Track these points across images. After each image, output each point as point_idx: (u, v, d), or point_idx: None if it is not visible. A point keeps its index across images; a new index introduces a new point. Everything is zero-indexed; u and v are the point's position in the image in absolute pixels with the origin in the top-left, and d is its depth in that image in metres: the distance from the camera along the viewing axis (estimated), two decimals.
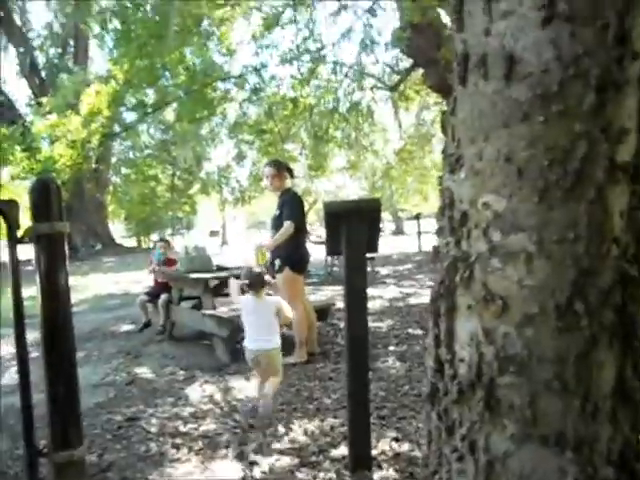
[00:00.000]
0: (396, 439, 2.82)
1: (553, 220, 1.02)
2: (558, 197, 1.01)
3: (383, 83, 12.05)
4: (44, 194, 2.49)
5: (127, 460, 2.81)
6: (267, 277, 3.85)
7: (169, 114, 14.91)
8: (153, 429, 3.23)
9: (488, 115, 1.06)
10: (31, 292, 2.47)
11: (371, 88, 12.23)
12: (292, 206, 4.57)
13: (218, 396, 3.80)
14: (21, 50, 23.26)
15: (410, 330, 5.50)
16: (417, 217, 16.98)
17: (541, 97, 1.00)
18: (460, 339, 1.15)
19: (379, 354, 4.60)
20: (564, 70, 0.98)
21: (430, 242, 15.32)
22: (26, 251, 2.56)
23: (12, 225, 2.46)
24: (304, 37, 9.99)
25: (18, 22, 23.26)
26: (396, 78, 11.97)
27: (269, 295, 3.85)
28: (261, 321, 3.51)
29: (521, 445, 1.09)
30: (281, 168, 4.76)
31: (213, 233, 32.86)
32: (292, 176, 4.94)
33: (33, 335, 2.57)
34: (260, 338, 3.48)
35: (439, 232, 1.24)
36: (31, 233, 2.45)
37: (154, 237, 31.13)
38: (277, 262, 4.49)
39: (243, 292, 3.77)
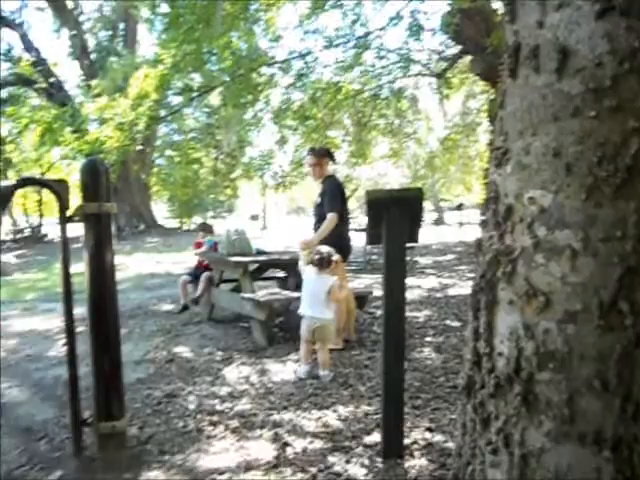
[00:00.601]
0: (429, 429, 2.82)
1: (600, 217, 1.00)
2: (607, 194, 0.99)
3: (429, 70, 11.86)
4: (93, 175, 2.58)
5: (166, 434, 2.90)
6: (336, 257, 4.09)
7: (214, 98, 15.06)
8: (191, 406, 3.32)
9: (538, 109, 1.04)
10: (77, 268, 2.58)
11: (416, 75, 12.06)
12: (332, 195, 4.53)
13: (254, 378, 3.86)
14: (73, 33, 23.82)
15: (448, 322, 5.45)
16: (459, 207, 16.73)
17: (593, 91, 0.97)
18: (499, 333, 1.15)
19: (415, 344, 4.58)
20: (618, 64, 0.96)
21: (471, 233, 15.10)
22: (72, 228, 2.66)
23: (63, 204, 2.56)
24: (351, 21, 9.90)
25: (70, 5, 23.81)
26: (442, 65, 11.76)
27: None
28: (316, 294, 3.93)
29: (558, 442, 1.08)
30: (321, 156, 4.72)
31: (253, 217, 33.18)
32: (333, 161, 4.88)
33: (79, 310, 2.67)
34: (315, 308, 3.92)
35: (483, 225, 1.23)
36: (80, 212, 2.55)
37: (196, 219, 31.68)
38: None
39: None
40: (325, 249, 4.05)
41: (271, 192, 31.52)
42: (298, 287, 5.65)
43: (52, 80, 24.32)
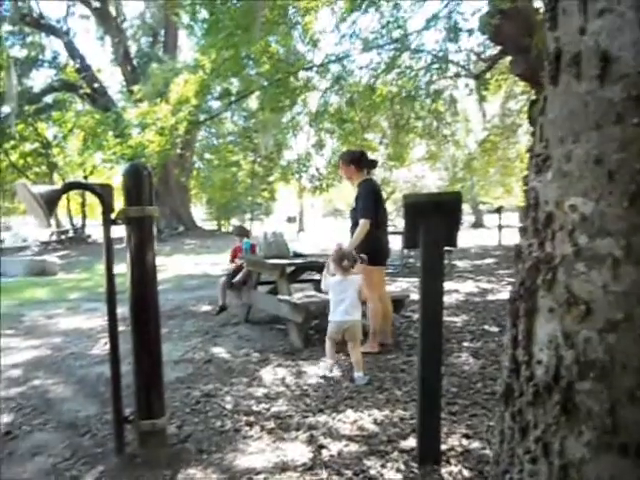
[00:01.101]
0: (466, 436, 2.79)
1: None
2: None
3: (468, 71, 11.73)
4: (136, 179, 2.66)
5: (204, 433, 2.95)
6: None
7: (252, 102, 15.24)
8: (228, 406, 3.37)
9: (579, 115, 1.03)
10: (120, 269, 2.65)
11: (454, 76, 11.94)
12: (365, 199, 4.47)
13: (290, 379, 3.89)
14: (115, 40, 24.47)
15: (486, 327, 5.38)
16: (498, 210, 16.42)
17: (636, 99, 0.96)
18: (539, 341, 1.14)
19: (452, 349, 4.54)
20: None
21: (511, 237, 14.82)
22: (115, 229, 2.74)
23: (107, 208, 2.64)
24: (387, 22, 9.86)
25: (113, 13, 24.47)
26: (482, 66, 11.61)
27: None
28: (349, 298, 4.02)
29: (598, 453, 1.06)
30: (352, 160, 4.64)
31: (290, 219, 33.36)
32: (367, 165, 4.71)
33: (121, 310, 2.75)
34: (349, 312, 4.01)
35: (522, 232, 1.22)
36: (123, 215, 2.63)
37: (234, 221, 32.09)
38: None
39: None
40: (343, 251, 4.14)
41: (308, 194, 31.70)
42: None
43: (96, 86, 25.06)
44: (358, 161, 4.66)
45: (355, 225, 4.50)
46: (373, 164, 4.89)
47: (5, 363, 4.61)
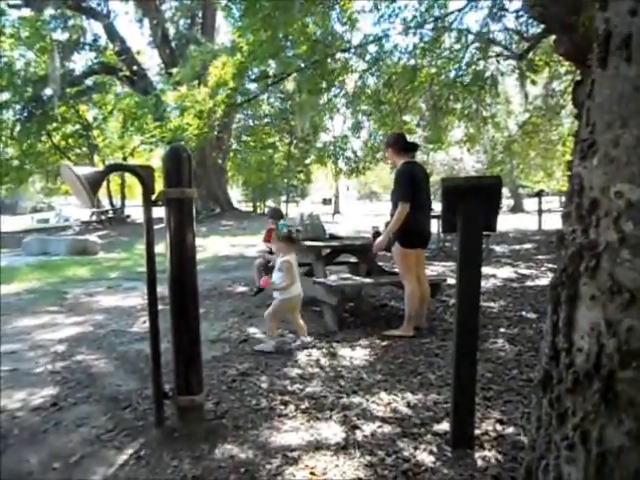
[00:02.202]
0: (500, 421, 2.78)
1: None
2: None
3: (510, 51, 11.41)
4: (176, 162, 2.70)
5: (240, 411, 3.02)
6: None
7: (289, 84, 15.21)
8: (263, 385, 3.43)
9: (628, 100, 0.99)
10: (159, 249, 2.72)
11: (497, 56, 11.63)
12: (402, 183, 4.44)
13: (324, 361, 3.93)
14: (154, 22, 24.69)
15: (523, 313, 5.30)
16: (539, 194, 16.02)
17: None
18: (580, 328, 1.12)
19: (489, 335, 4.50)
20: None
21: (552, 222, 14.50)
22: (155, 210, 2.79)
23: (148, 189, 2.70)
24: (428, 5, 9.67)
25: None
26: (524, 45, 11.27)
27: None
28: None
29: (638, 442, 1.05)
30: (390, 143, 4.63)
31: (326, 201, 33.43)
32: (405, 148, 4.66)
33: (159, 289, 2.81)
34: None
35: (565, 218, 1.20)
36: (163, 197, 2.68)
37: (269, 203, 32.33)
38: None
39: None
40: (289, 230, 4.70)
41: (344, 177, 31.64)
42: (369, 273, 5.68)
43: (135, 68, 25.42)
44: (396, 143, 4.63)
45: (395, 207, 4.48)
46: (413, 147, 4.82)
47: (51, 338, 4.80)
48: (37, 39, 22.39)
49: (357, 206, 47.82)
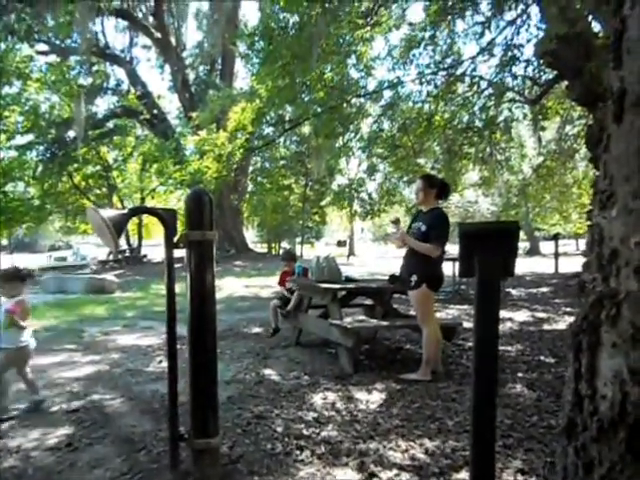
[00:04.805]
0: (522, 471, 2.71)
1: None
2: None
3: (523, 97, 11.58)
4: (198, 205, 2.77)
5: (255, 455, 2.98)
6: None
7: (305, 127, 15.50)
8: (279, 429, 3.40)
9: None
10: (176, 289, 2.75)
11: (510, 101, 11.80)
12: (443, 227, 4.49)
13: (340, 404, 3.89)
14: (175, 68, 25.56)
15: (542, 357, 5.22)
16: (555, 237, 15.94)
17: None
18: (602, 375, 1.12)
19: (507, 379, 4.43)
20: None
21: (568, 265, 14.34)
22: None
23: (170, 231, 2.76)
24: (442, 55, 9.91)
25: (173, 43, 25.60)
26: (537, 91, 11.44)
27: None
28: None
29: None
30: (432, 184, 4.66)
31: (340, 243, 33.49)
32: (444, 196, 4.73)
33: (177, 329, 2.84)
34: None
35: (586, 266, 1.21)
36: (185, 239, 2.74)
37: (284, 244, 32.49)
38: (414, 278, 4.46)
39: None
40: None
41: (359, 219, 31.80)
42: (385, 316, 5.66)
43: (155, 112, 26.17)
44: (441, 189, 4.67)
45: (412, 249, 4.50)
46: (447, 196, 4.91)
47: (67, 376, 4.82)
48: (63, 84, 23.25)
49: (372, 248, 47.88)
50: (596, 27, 8.43)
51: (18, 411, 3.84)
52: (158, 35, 24.65)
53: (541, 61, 9.33)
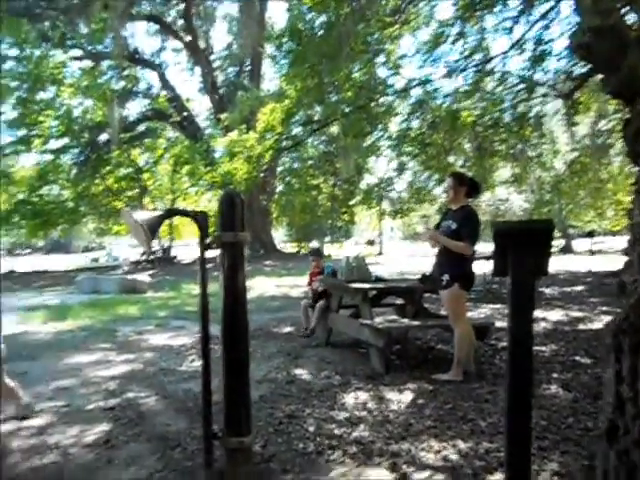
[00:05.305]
0: (558, 474, 2.67)
1: None
2: None
3: (556, 91, 11.34)
4: (230, 206, 2.79)
5: (287, 454, 3.00)
6: None
7: (333, 126, 15.49)
8: (310, 428, 3.41)
9: None
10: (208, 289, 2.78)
11: (541, 96, 11.58)
12: (474, 226, 4.45)
13: (371, 404, 3.88)
14: (204, 71, 25.87)
15: (577, 358, 5.11)
16: (590, 235, 15.60)
17: None
18: None
19: (541, 380, 4.35)
20: None
21: (604, 263, 14.02)
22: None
23: (203, 233, 2.79)
24: (471, 51, 9.79)
25: (202, 46, 25.92)
26: (570, 85, 11.20)
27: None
28: None
29: None
30: (463, 182, 4.62)
31: (370, 242, 33.39)
32: (474, 194, 4.70)
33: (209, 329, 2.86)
34: None
35: (626, 267, 1.18)
36: (218, 240, 2.77)
37: (312, 244, 32.58)
38: (445, 277, 4.42)
39: None
40: None
41: (388, 218, 31.68)
42: (416, 315, 5.62)
43: (185, 114, 26.55)
44: (471, 187, 4.64)
45: (443, 248, 4.47)
46: (477, 195, 4.87)
47: (103, 375, 4.92)
48: (96, 88, 23.78)
49: (401, 247, 47.56)
50: (630, 19, 8.23)
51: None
52: (188, 38, 24.98)
53: (574, 55, 9.14)
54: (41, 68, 23.30)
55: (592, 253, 15.30)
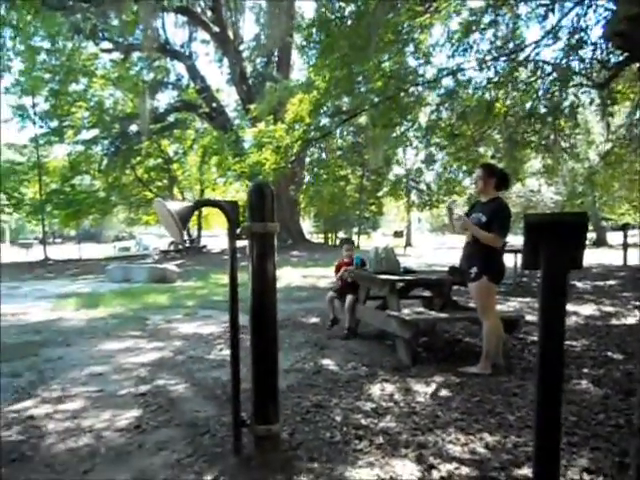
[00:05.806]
0: (588, 470, 2.63)
1: None
2: None
3: (591, 81, 11.06)
4: (260, 197, 2.82)
5: (314, 443, 3.03)
6: None
7: (361, 117, 15.41)
8: (337, 418, 3.43)
9: None
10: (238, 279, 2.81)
11: (576, 86, 11.30)
12: (505, 218, 4.40)
13: (398, 396, 3.87)
14: (233, 61, 25.97)
15: (609, 353, 5.02)
16: (624, 227, 15.21)
17: None
18: None
19: (571, 375, 4.29)
20: None
21: (638, 256, 13.69)
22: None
23: (233, 223, 2.82)
24: (503, 40, 9.60)
25: (231, 37, 26.00)
26: (606, 74, 10.90)
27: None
28: None
29: None
30: (492, 173, 4.55)
31: (397, 234, 33.21)
32: (503, 186, 4.61)
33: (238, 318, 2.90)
34: None
35: None
36: (247, 231, 2.80)
37: (340, 234, 32.58)
38: (474, 270, 4.38)
39: None
40: None
41: (416, 209, 31.48)
42: (443, 308, 5.59)
43: (214, 105, 26.73)
44: (501, 179, 4.58)
45: (474, 238, 4.41)
46: (508, 187, 4.80)
47: (134, 362, 5.03)
48: (126, 80, 24.14)
49: (429, 239, 47.21)
50: None
51: None
52: (216, 29, 25.09)
53: (610, 43, 8.90)
54: (73, 60, 23.77)
55: (626, 246, 14.92)
